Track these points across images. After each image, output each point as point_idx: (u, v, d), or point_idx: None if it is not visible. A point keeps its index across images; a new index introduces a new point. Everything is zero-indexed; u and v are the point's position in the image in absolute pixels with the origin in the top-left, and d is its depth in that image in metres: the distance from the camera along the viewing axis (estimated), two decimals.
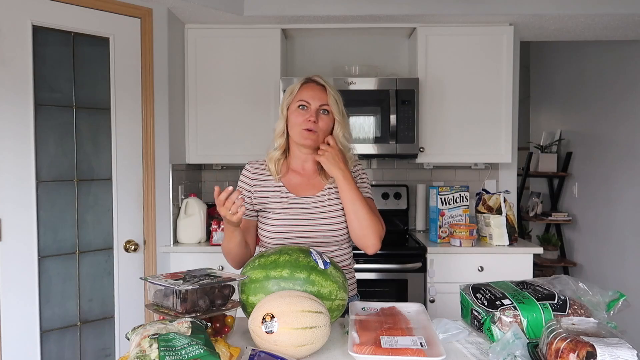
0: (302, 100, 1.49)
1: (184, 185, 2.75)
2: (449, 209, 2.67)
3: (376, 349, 1.03)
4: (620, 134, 3.42)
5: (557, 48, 4.27)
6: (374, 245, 1.45)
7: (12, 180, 2.01)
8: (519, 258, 2.53)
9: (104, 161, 2.28)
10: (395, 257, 2.51)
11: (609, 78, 3.54)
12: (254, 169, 1.56)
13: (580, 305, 1.14)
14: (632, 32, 2.96)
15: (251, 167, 1.57)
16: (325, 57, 3.09)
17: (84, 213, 2.23)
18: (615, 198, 3.47)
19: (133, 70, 2.36)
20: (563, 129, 4.25)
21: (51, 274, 2.13)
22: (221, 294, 1.18)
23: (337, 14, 2.64)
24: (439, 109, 2.77)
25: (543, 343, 0.98)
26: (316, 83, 1.52)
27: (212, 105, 2.77)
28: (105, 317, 2.30)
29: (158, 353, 0.88)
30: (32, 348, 2.07)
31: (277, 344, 1.04)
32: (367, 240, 1.44)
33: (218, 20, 2.69)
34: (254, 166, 1.57)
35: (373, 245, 1.45)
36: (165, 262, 2.49)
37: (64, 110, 2.17)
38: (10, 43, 1.99)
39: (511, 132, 2.78)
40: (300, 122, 1.47)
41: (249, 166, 1.57)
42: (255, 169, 1.56)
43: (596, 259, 3.76)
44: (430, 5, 2.62)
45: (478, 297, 1.21)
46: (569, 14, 2.63)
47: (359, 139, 2.70)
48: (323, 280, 1.19)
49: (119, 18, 2.30)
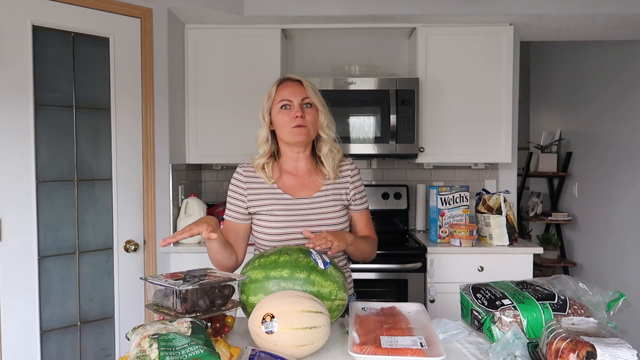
0: (284, 100, 1.48)
1: (184, 185, 2.75)
2: (449, 209, 2.67)
3: (376, 349, 1.03)
4: (620, 134, 3.42)
5: (557, 48, 4.27)
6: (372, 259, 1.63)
7: (12, 180, 2.01)
8: (519, 258, 2.53)
9: (104, 161, 2.28)
10: (395, 257, 2.51)
11: (609, 78, 3.54)
12: (246, 172, 1.54)
13: (580, 305, 1.14)
14: (632, 32, 2.96)
15: (243, 170, 1.54)
16: (325, 57, 3.09)
17: (84, 213, 2.23)
18: (615, 198, 3.47)
19: (133, 70, 2.36)
20: (563, 129, 4.26)
21: (51, 274, 2.13)
22: (221, 294, 1.18)
23: (337, 14, 2.64)
24: (439, 109, 2.77)
25: (543, 343, 0.98)
26: (291, 80, 1.52)
27: (212, 105, 2.77)
28: (105, 317, 2.30)
29: (158, 353, 0.88)
30: (32, 348, 2.07)
31: (277, 344, 1.04)
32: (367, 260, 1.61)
33: (218, 20, 2.69)
34: (246, 169, 1.55)
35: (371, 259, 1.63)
36: (165, 262, 2.49)
37: (64, 110, 2.17)
38: (10, 43, 1.99)
39: (511, 132, 2.78)
40: (287, 122, 1.47)
41: (240, 169, 1.55)
42: (247, 172, 1.54)
43: (596, 259, 3.76)
44: (430, 5, 2.62)
45: (478, 297, 1.21)
46: (569, 14, 2.63)
47: (359, 139, 2.70)
48: (323, 280, 1.19)
49: (119, 18, 2.30)
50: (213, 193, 3.17)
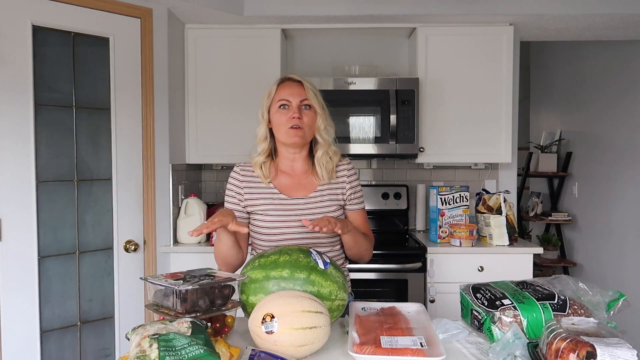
0: (283, 100, 1.48)
1: (184, 185, 2.75)
2: (449, 209, 2.67)
3: (376, 349, 1.03)
4: (620, 134, 3.42)
5: (557, 48, 4.27)
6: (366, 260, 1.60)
7: (12, 180, 2.01)
8: (519, 258, 2.53)
9: (104, 161, 2.28)
10: (395, 257, 2.50)
11: (609, 78, 3.54)
12: (243, 171, 1.55)
13: (580, 305, 1.14)
14: (632, 32, 2.96)
15: (240, 170, 1.55)
16: (325, 57, 3.09)
17: (84, 213, 2.22)
18: (615, 198, 3.47)
19: (133, 70, 2.36)
20: (563, 129, 4.26)
21: (51, 274, 2.13)
22: (221, 294, 1.18)
23: (337, 14, 2.64)
24: (439, 109, 2.76)
25: (543, 343, 0.98)
26: (292, 80, 1.51)
27: (212, 105, 2.77)
28: (105, 317, 2.30)
29: (158, 353, 0.88)
30: (32, 348, 2.07)
31: (277, 344, 1.04)
32: (361, 259, 1.58)
33: (218, 20, 2.69)
34: (243, 168, 1.55)
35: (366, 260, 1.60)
36: (165, 262, 2.49)
37: (63, 110, 2.17)
38: (10, 43, 1.99)
39: (511, 132, 2.78)
40: (284, 122, 1.47)
41: (237, 168, 1.56)
42: (244, 171, 1.54)
43: (596, 259, 3.76)
44: (430, 5, 2.62)
45: (478, 297, 1.21)
46: (569, 14, 2.63)
47: (359, 139, 2.70)
48: (323, 280, 1.19)
49: (119, 18, 2.30)
50: (213, 193, 3.17)
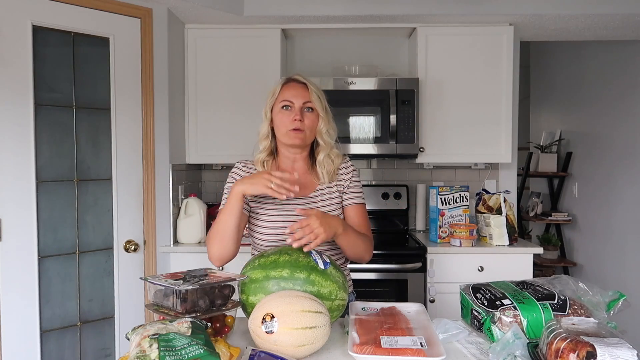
0: (286, 100, 1.48)
1: (184, 185, 2.75)
2: (449, 209, 2.67)
3: (376, 349, 1.03)
4: (620, 134, 3.42)
5: (557, 48, 4.27)
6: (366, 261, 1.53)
7: (12, 180, 2.01)
8: (519, 258, 2.53)
9: (103, 161, 2.28)
10: (395, 257, 2.51)
11: (609, 78, 3.54)
12: (246, 167, 1.55)
13: (580, 305, 1.14)
14: (632, 32, 2.96)
15: (243, 166, 1.56)
16: (325, 57, 3.09)
17: (84, 213, 2.22)
18: (615, 198, 3.47)
19: (133, 71, 2.36)
20: (563, 129, 4.25)
21: (51, 274, 2.13)
22: (221, 294, 1.18)
23: (337, 14, 2.64)
24: (439, 109, 2.76)
25: (543, 343, 0.98)
26: (297, 81, 1.51)
27: (212, 105, 2.77)
28: (105, 317, 2.30)
29: (158, 353, 0.88)
30: (32, 348, 2.07)
31: (277, 344, 1.04)
32: (361, 260, 1.51)
33: (218, 20, 2.69)
34: (246, 164, 1.56)
35: (366, 261, 1.53)
36: (165, 262, 2.49)
37: (63, 110, 2.17)
38: (10, 43, 1.99)
39: (511, 132, 2.78)
40: (286, 123, 1.47)
41: (240, 164, 1.56)
42: (247, 168, 1.55)
43: (596, 259, 3.76)
44: (430, 5, 2.62)
45: (478, 297, 1.21)
46: (569, 14, 2.63)
47: (359, 139, 2.70)
48: (323, 280, 1.19)
49: (118, 18, 2.30)
50: (213, 193, 3.17)
